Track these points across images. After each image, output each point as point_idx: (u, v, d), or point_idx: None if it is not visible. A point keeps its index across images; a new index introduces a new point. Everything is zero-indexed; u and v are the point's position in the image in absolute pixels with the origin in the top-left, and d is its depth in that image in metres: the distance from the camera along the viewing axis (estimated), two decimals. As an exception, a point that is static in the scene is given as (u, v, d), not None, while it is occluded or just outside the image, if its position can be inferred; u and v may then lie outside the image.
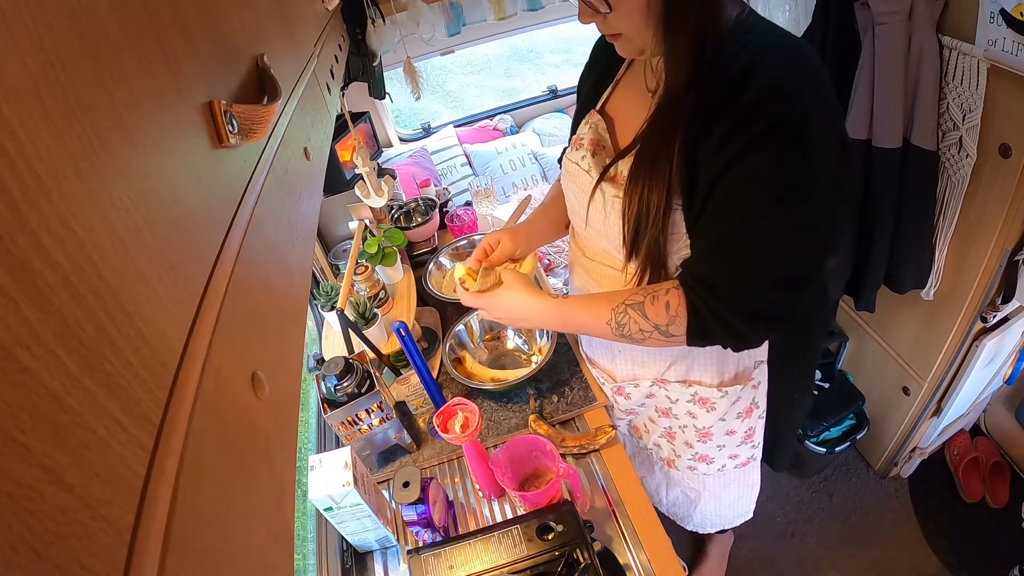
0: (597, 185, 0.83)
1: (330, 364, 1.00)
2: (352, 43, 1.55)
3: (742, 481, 1.18)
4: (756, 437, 1.08)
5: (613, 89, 0.89)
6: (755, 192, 0.68)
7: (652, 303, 0.78)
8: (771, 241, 0.70)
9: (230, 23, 0.42)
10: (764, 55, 0.67)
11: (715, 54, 0.69)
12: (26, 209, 0.16)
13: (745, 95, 0.66)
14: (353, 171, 1.49)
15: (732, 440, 1.06)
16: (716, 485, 1.17)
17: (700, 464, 1.12)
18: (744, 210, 0.70)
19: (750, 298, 0.72)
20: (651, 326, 0.78)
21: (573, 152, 0.90)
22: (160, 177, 0.26)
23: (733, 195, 0.70)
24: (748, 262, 0.72)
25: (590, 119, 0.89)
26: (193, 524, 0.22)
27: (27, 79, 0.17)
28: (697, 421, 1.03)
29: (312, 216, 0.59)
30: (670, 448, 1.14)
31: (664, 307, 0.77)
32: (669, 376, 1.00)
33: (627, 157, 0.80)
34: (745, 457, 1.11)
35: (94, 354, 0.18)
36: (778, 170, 0.67)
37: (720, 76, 0.68)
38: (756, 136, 0.66)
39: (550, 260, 2.17)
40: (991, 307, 1.29)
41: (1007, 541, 1.61)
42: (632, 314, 0.79)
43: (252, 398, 0.32)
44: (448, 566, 0.86)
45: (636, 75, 0.84)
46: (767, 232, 0.70)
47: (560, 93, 2.91)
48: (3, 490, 0.14)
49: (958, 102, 1.11)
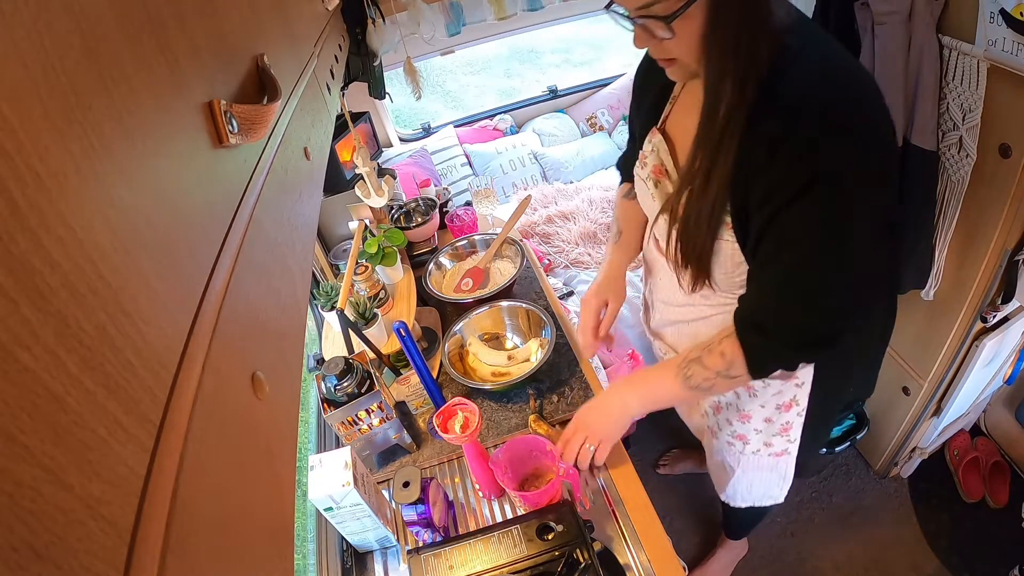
0: (659, 216, 0.86)
1: (330, 364, 1.00)
2: (352, 43, 1.55)
3: (775, 467, 1.20)
4: (793, 432, 1.10)
5: (672, 106, 0.88)
6: (805, 240, 0.70)
7: (708, 355, 0.84)
8: (822, 280, 0.73)
9: (230, 23, 0.42)
10: (813, 90, 0.66)
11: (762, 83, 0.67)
12: (26, 209, 0.16)
13: (795, 135, 0.66)
14: (353, 171, 1.49)
15: (769, 428, 1.09)
16: (750, 466, 1.20)
17: (737, 442, 1.16)
18: (793, 257, 0.72)
19: (802, 330, 0.77)
20: (713, 374, 0.83)
21: (640, 168, 0.93)
22: (160, 177, 0.26)
23: (782, 242, 0.71)
24: (800, 305, 0.75)
25: (652, 138, 0.89)
26: (193, 524, 0.22)
27: (27, 79, 0.17)
28: (740, 401, 1.07)
29: (312, 216, 0.59)
30: (715, 419, 1.18)
31: (720, 356, 0.82)
32: None
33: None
34: (779, 448, 1.14)
35: (94, 354, 0.18)
36: (829, 214, 0.68)
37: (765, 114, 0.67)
38: (807, 181, 0.66)
39: (550, 260, 2.17)
40: (991, 307, 1.29)
41: (1007, 541, 1.61)
42: (694, 367, 0.85)
43: (252, 398, 0.32)
44: (448, 566, 0.86)
45: (692, 94, 0.83)
46: (819, 274, 0.72)
47: (560, 93, 2.91)
48: (3, 490, 0.14)
49: (958, 102, 1.11)
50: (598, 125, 2.85)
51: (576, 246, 2.19)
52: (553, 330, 1.25)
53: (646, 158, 0.91)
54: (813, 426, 1.09)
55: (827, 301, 0.75)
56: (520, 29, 2.35)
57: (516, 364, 1.26)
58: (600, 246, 2.18)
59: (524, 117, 2.88)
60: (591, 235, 2.22)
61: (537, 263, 1.61)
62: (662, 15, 0.65)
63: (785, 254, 0.73)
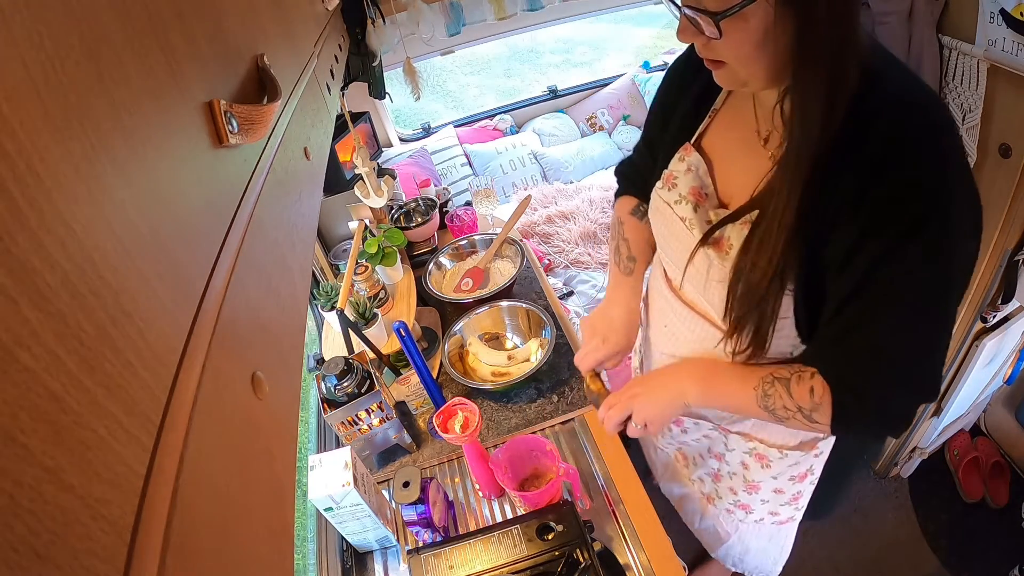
0: (699, 247, 0.74)
1: (330, 364, 1.00)
2: (352, 43, 1.55)
3: (775, 537, 1.14)
4: (802, 501, 1.04)
5: (711, 121, 0.77)
6: (897, 300, 0.62)
7: (798, 383, 0.72)
8: (917, 349, 0.66)
9: (230, 23, 0.42)
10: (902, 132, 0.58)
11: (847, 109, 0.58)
12: (26, 209, 0.16)
13: (882, 187, 0.58)
14: (353, 171, 1.49)
15: (778, 499, 1.02)
16: (748, 534, 1.14)
17: (738, 511, 1.08)
18: (886, 318, 0.64)
19: (896, 406, 0.69)
20: (795, 406, 0.72)
21: (665, 191, 0.79)
22: (160, 177, 0.26)
23: (874, 300, 0.63)
24: (895, 372, 0.67)
25: (685, 155, 0.77)
26: (193, 524, 0.22)
27: (27, 79, 0.17)
28: (749, 473, 0.99)
29: (312, 216, 0.59)
30: (713, 487, 1.10)
31: (808, 392, 0.71)
32: (732, 427, 0.95)
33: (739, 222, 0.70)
34: (785, 517, 1.07)
35: (94, 354, 0.18)
36: (923, 277, 0.60)
37: (849, 149, 0.59)
38: (897, 239, 0.59)
39: (550, 260, 2.17)
40: (991, 307, 1.29)
41: (1007, 541, 1.61)
42: (779, 388, 0.73)
43: (252, 398, 0.32)
44: (448, 566, 0.86)
45: (738, 110, 0.74)
46: (913, 340, 0.65)
47: (560, 93, 2.91)
48: (3, 490, 0.14)
49: (958, 102, 1.11)
50: (598, 125, 2.85)
51: (576, 246, 2.19)
52: (553, 330, 1.25)
53: (676, 178, 0.78)
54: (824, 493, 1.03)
55: (927, 366, 0.66)
56: (520, 29, 2.35)
57: (516, 364, 1.26)
58: (600, 246, 2.18)
59: (524, 117, 2.89)
60: (591, 235, 2.22)
61: (537, 263, 1.61)
62: (712, 11, 0.57)
63: (872, 317, 0.64)
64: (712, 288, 0.75)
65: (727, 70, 0.63)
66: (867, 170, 0.58)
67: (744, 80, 0.63)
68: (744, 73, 0.62)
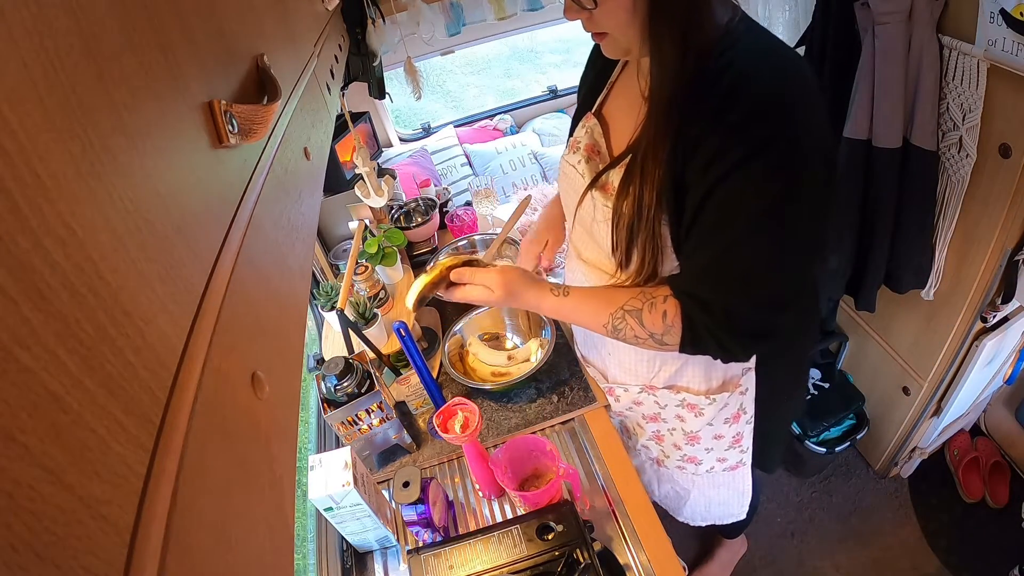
0: (587, 191, 0.84)
1: (330, 364, 1.00)
2: (352, 43, 1.55)
3: (731, 484, 1.17)
4: (744, 442, 1.08)
5: (609, 92, 0.88)
6: (742, 214, 0.69)
7: (650, 311, 0.79)
8: (759, 263, 0.72)
9: (230, 23, 0.42)
10: (753, 71, 0.67)
11: (702, 63, 0.67)
12: (26, 209, 0.16)
13: (732, 114, 0.66)
14: (353, 171, 1.49)
15: (720, 444, 1.07)
16: (705, 485, 1.18)
17: (689, 465, 1.13)
18: (732, 232, 0.70)
19: (741, 318, 0.74)
20: (646, 334, 0.80)
21: (570, 155, 0.91)
22: (160, 177, 0.26)
23: (721, 216, 0.70)
24: (738, 283, 0.73)
25: (586, 122, 0.89)
26: (193, 524, 0.22)
27: (27, 79, 0.17)
28: (685, 425, 1.04)
29: (312, 216, 0.59)
30: (659, 449, 1.15)
31: (661, 316, 0.78)
32: (657, 383, 1.01)
33: (618, 167, 0.79)
34: (734, 461, 1.11)
35: (94, 354, 0.18)
36: (764, 193, 0.67)
37: (708, 90, 0.67)
38: (742, 158, 0.66)
39: (550, 260, 2.17)
40: (991, 307, 1.29)
41: (1007, 541, 1.61)
42: (629, 320, 0.81)
43: (252, 398, 0.32)
44: (448, 566, 0.86)
45: (630, 78, 0.83)
46: (755, 254, 0.71)
47: (560, 93, 2.90)
48: (3, 490, 0.14)
49: (958, 102, 1.11)
50: (598, 125, 2.85)
51: (576, 246, 2.19)
52: (553, 330, 1.25)
53: (579, 142, 0.88)
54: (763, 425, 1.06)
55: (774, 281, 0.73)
56: (520, 29, 2.35)
57: (516, 364, 1.26)
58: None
59: (524, 117, 2.88)
60: (591, 235, 2.22)
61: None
62: None
63: (722, 232, 0.71)
64: (599, 227, 0.85)
65: (610, 40, 0.73)
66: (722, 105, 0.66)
67: (626, 48, 0.73)
68: (624, 40, 0.71)
